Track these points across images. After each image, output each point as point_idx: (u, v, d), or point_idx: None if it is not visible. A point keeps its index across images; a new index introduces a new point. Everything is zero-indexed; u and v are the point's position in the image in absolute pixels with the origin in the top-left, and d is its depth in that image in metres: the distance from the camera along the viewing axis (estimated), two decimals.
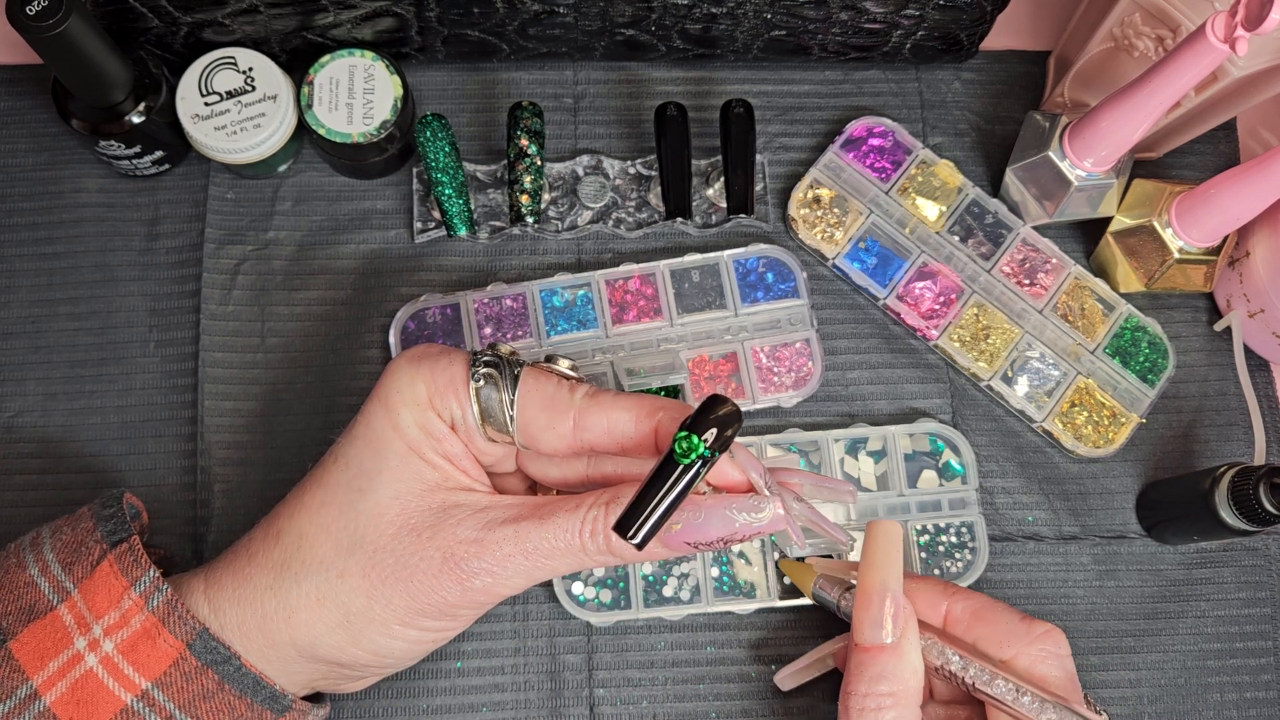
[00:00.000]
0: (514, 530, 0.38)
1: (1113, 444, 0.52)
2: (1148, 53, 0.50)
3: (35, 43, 0.43)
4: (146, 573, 0.38)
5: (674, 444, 0.36)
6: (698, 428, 0.36)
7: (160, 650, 0.37)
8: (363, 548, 0.38)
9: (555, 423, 0.39)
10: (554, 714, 0.48)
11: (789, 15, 0.51)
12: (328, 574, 0.38)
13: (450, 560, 0.38)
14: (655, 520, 0.36)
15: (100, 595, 0.38)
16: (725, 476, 0.39)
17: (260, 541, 0.40)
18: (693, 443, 0.36)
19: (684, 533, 0.38)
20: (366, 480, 0.39)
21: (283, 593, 0.38)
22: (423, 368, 0.40)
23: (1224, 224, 0.50)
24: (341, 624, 0.38)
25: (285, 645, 0.39)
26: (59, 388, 0.51)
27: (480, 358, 0.40)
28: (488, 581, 0.38)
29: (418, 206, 0.53)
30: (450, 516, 0.39)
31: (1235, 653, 0.51)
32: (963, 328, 0.53)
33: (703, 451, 0.36)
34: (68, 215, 0.53)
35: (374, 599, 0.38)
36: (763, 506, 0.37)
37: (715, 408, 0.36)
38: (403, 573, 0.38)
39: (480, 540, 0.38)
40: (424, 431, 0.39)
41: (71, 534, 0.40)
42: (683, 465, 0.36)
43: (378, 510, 0.39)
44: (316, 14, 0.50)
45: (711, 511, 0.37)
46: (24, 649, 0.37)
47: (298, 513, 0.40)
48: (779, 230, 0.55)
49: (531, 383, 0.40)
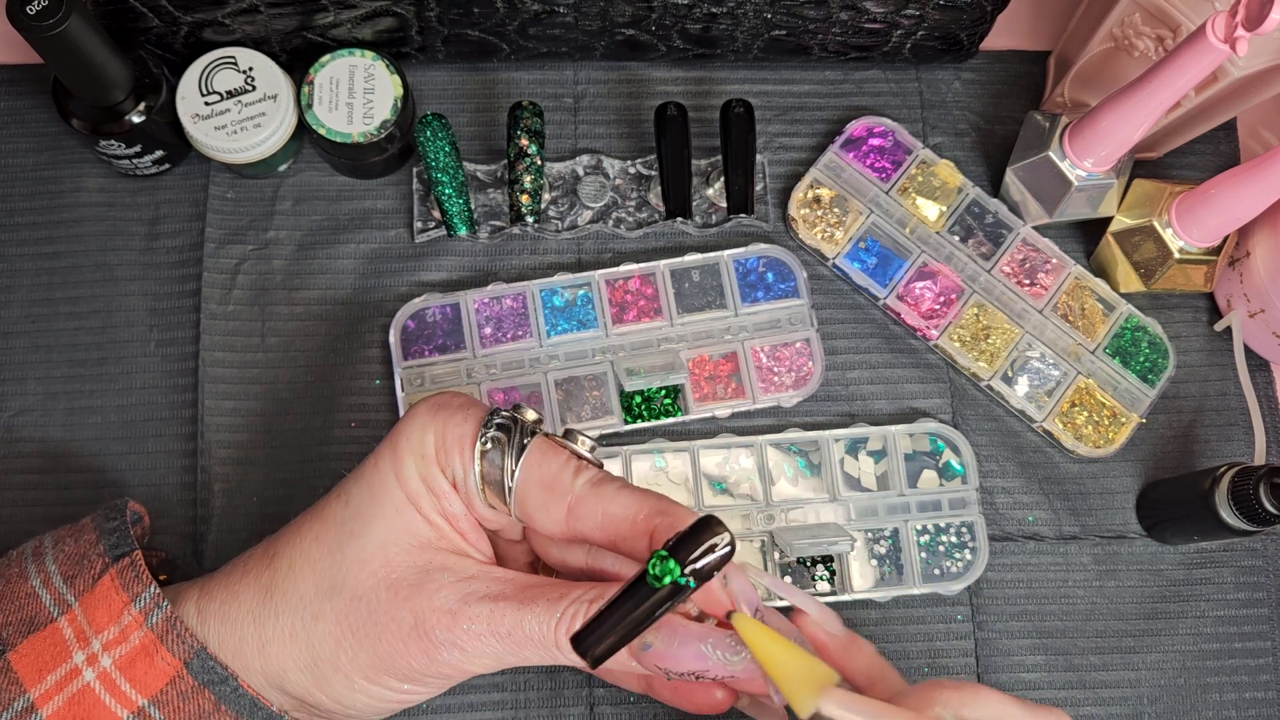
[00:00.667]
0: (490, 609, 0.36)
1: (1113, 444, 0.52)
2: (1148, 53, 0.50)
3: (35, 43, 0.43)
4: (147, 589, 0.38)
5: (648, 564, 0.33)
6: (678, 551, 0.33)
7: (157, 668, 0.37)
8: (340, 593, 0.37)
9: (550, 505, 0.37)
10: (554, 714, 0.48)
11: (789, 15, 0.51)
12: (304, 613, 0.38)
13: (420, 628, 0.37)
14: (613, 641, 0.34)
15: (101, 609, 0.38)
16: (716, 604, 0.36)
17: (257, 560, 0.39)
18: (668, 567, 0.33)
19: (655, 655, 0.35)
20: (359, 524, 0.38)
21: (261, 621, 0.38)
22: (436, 419, 0.38)
23: (1224, 224, 0.50)
24: (309, 666, 0.38)
25: (257, 672, 0.38)
26: (59, 388, 0.51)
27: (494, 420, 0.38)
28: (456, 656, 0.37)
29: (418, 206, 0.53)
30: (431, 580, 0.37)
31: (1234, 653, 0.51)
32: (963, 328, 0.53)
33: (678, 579, 0.33)
34: (68, 215, 0.53)
35: (341, 648, 0.37)
36: (739, 650, 0.35)
37: (704, 532, 0.33)
38: (373, 630, 0.37)
39: (454, 613, 0.37)
40: (425, 485, 0.38)
41: (74, 545, 0.40)
42: (654, 588, 0.33)
43: (362, 557, 0.38)
44: (316, 14, 0.50)
45: (687, 642, 0.35)
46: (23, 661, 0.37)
47: (293, 541, 0.39)
48: (779, 230, 0.55)
49: (537, 456, 0.38)
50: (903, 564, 0.50)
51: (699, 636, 0.35)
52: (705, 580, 0.33)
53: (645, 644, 0.35)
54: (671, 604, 0.33)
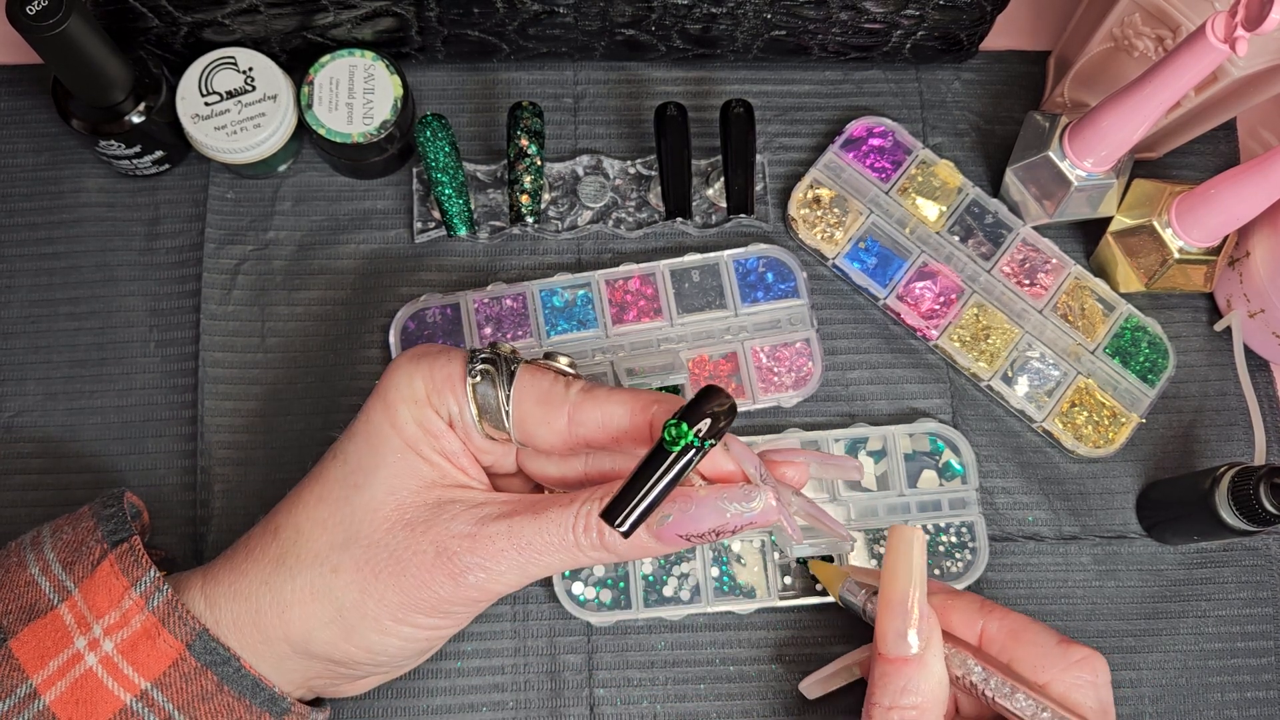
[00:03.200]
0: (507, 525, 0.38)
1: (1113, 444, 0.52)
2: (1148, 53, 0.50)
3: (35, 43, 0.44)
4: (147, 573, 0.38)
5: (664, 432, 0.36)
6: (689, 417, 0.35)
7: (160, 650, 0.37)
8: (357, 542, 0.38)
9: (550, 417, 0.39)
10: (554, 714, 0.48)
11: (789, 15, 0.51)
12: (321, 569, 0.38)
13: (443, 554, 0.38)
14: (644, 508, 0.36)
15: (101, 595, 0.38)
16: (719, 469, 0.38)
17: (259, 538, 0.40)
18: (682, 430, 0.35)
19: (675, 524, 0.37)
20: (363, 476, 0.39)
21: (277, 587, 0.38)
22: (421, 365, 0.40)
23: (1224, 224, 0.50)
24: (335, 619, 0.38)
25: (279, 641, 0.38)
26: (59, 388, 0.51)
27: (478, 355, 0.40)
28: (481, 577, 0.38)
29: (418, 206, 0.53)
30: (445, 512, 0.39)
31: (1236, 653, 0.51)
32: (963, 328, 0.53)
33: (692, 440, 0.35)
34: (68, 215, 0.53)
35: (367, 594, 0.38)
36: (754, 496, 0.37)
37: (709, 399, 0.36)
38: (396, 567, 0.38)
39: (473, 535, 0.38)
40: (421, 428, 0.39)
41: (72, 533, 0.40)
42: (672, 453, 0.35)
43: (373, 505, 0.39)
44: (316, 14, 0.50)
45: (703, 503, 0.37)
46: (24, 648, 0.37)
47: (295, 508, 0.40)
48: (779, 230, 0.55)
49: (527, 379, 0.40)
50: None
51: (714, 495, 0.37)
52: (717, 439, 0.36)
53: (664, 517, 0.37)
54: (690, 466, 0.36)
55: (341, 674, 0.41)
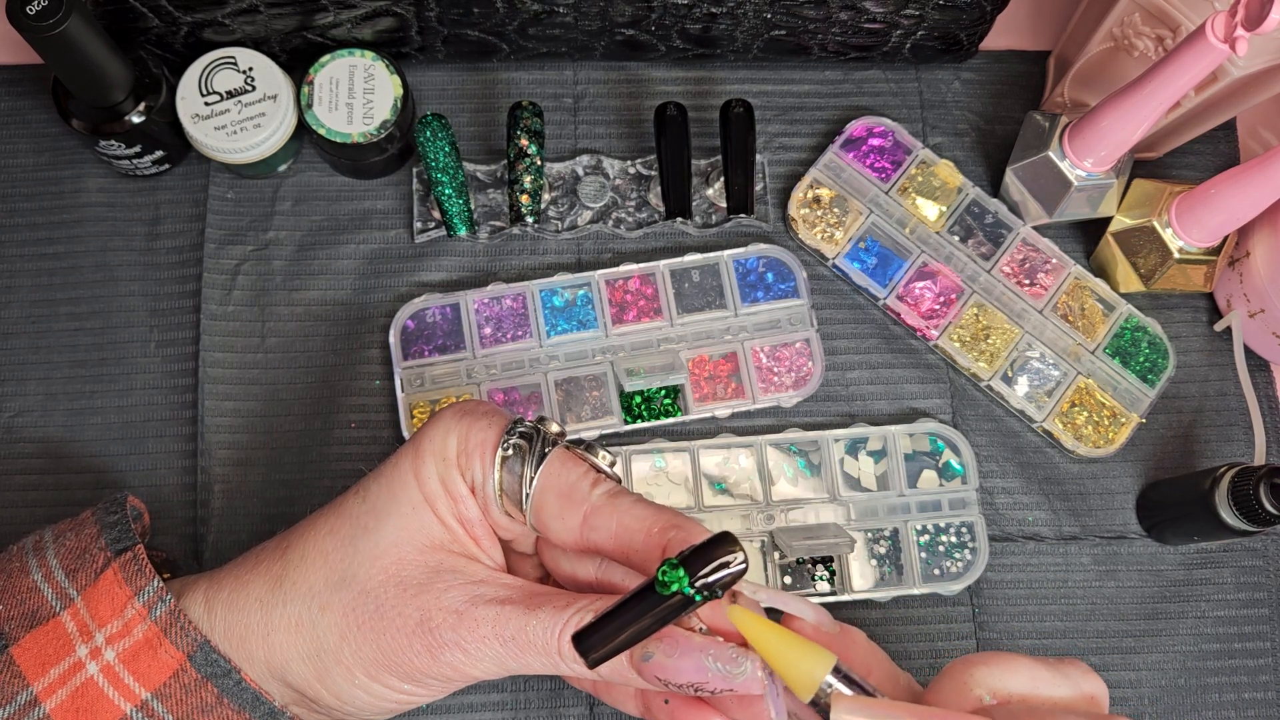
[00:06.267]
0: (496, 612, 0.36)
1: (1113, 444, 0.52)
2: (1148, 53, 0.50)
3: (35, 43, 0.44)
4: (150, 582, 0.38)
5: (658, 571, 0.33)
6: (690, 563, 0.33)
7: (161, 661, 0.37)
8: (350, 586, 0.38)
9: (566, 513, 0.37)
10: (553, 714, 0.48)
11: (789, 15, 0.51)
12: (311, 604, 0.38)
13: (425, 625, 0.37)
14: (617, 644, 0.34)
15: (103, 603, 0.38)
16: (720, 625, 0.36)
17: (269, 552, 0.40)
18: (676, 575, 0.32)
19: (656, 666, 0.35)
20: (374, 519, 0.38)
21: (269, 608, 0.38)
22: (460, 424, 0.39)
23: (1224, 224, 0.50)
24: (312, 656, 0.38)
25: (260, 662, 0.38)
26: (59, 388, 0.51)
27: (517, 428, 0.38)
28: (458, 657, 0.37)
29: (418, 206, 0.53)
30: (440, 580, 0.37)
31: (1234, 653, 0.51)
32: (963, 328, 0.53)
33: (685, 589, 0.32)
34: (68, 215, 0.53)
35: (345, 641, 0.37)
36: (741, 662, 0.34)
37: (718, 548, 0.33)
38: (378, 624, 0.37)
39: (460, 613, 0.37)
40: (444, 487, 0.38)
41: (75, 540, 0.40)
42: (660, 596, 0.33)
43: (375, 553, 0.38)
44: (316, 14, 0.50)
45: (688, 652, 0.34)
46: (25, 655, 0.37)
47: (308, 532, 0.39)
48: (779, 230, 0.55)
49: (556, 465, 0.38)
50: (903, 564, 0.50)
51: (700, 648, 0.34)
52: (713, 597, 0.33)
53: (646, 654, 0.35)
54: (677, 615, 0.33)
55: (313, 710, 0.40)
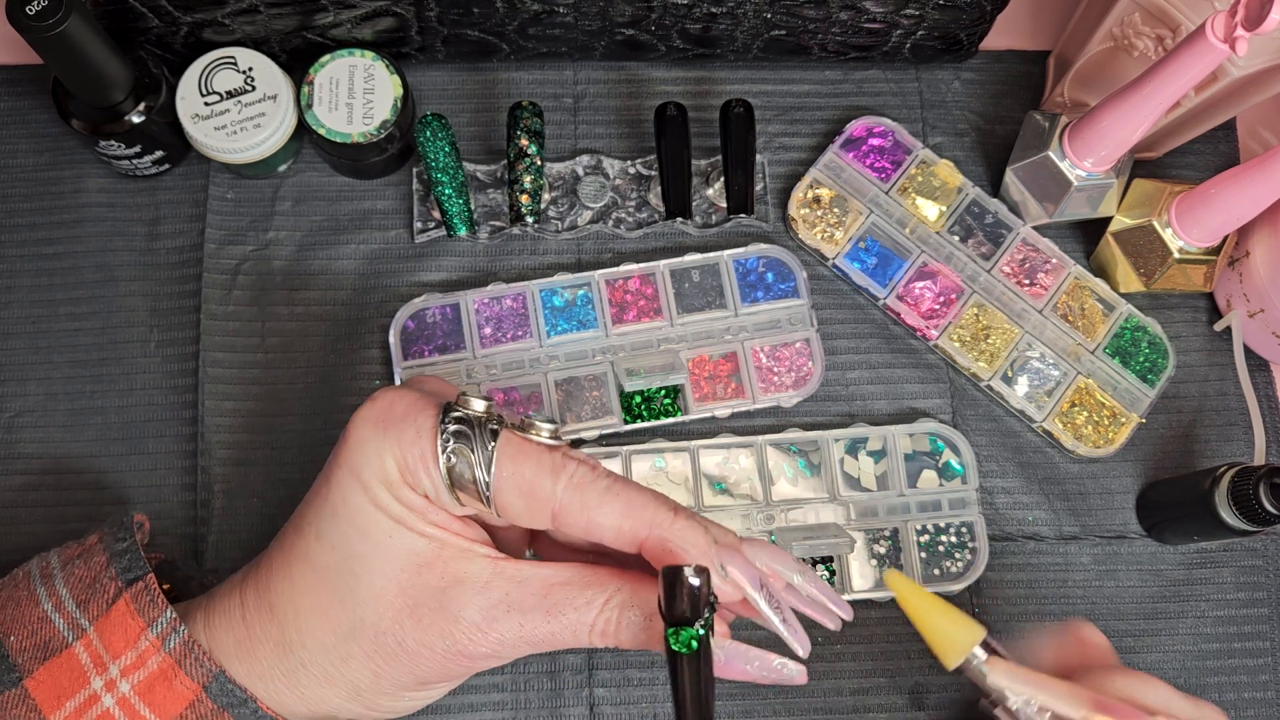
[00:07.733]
0: (520, 622, 0.37)
1: (1113, 444, 0.52)
2: (1148, 53, 0.50)
3: (35, 43, 0.44)
4: (163, 613, 0.38)
5: (667, 642, 0.35)
6: (672, 613, 0.35)
7: (177, 692, 0.37)
8: (364, 631, 0.37)
9: (533, 511, 0.37)
10: (554, 714, 0.48)
11: (789, 15, 0.51)
12: (331, 658, 0.38)
13: (455, 648, 0.37)
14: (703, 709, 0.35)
15: (117, 635, 0.37)
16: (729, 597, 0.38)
17: (255, 613, 0.38)
18: (683, 637, 0.35)
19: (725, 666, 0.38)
20: (359, 564, 0.37)
21: (290, 673, 0.38)
22: (388, 440, 0.37)
23: (1224, 224, 0.50)
24: (353, 696, 0.38)
25: (302, 715, 0.39)
26: (59, 388, 0.51)
27: (448, 424, 0.37)
28: (492, 661, 0.38)
29: (418, 206, 0.53)
30: (451, 600, 0.37)
31: (1234, 653, 0.51)
32: (963, 328, 0.53)
33: (697, 633, 0.35)
34: (68, 215, 0.53)
35: (380, 677, 0.38)
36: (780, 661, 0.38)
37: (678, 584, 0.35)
38: (406, 656, 0.37)
39: (484, 628, 0.37)
40: (405, 506, 0.37)
41: (85, 568, 0.39)
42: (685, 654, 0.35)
43: (375, 594, 0.37)
44: (316, 14, 0.50)
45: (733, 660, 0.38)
46: (40, 688, 0.37)
47: (288, 587, 0.38)
48: (779, 230, 0.55)
49: (508, 462, 0.37)
50: (903, 564, 0.50)
51: (743, 659, 0.38)
52: (712, 610, 0.35)
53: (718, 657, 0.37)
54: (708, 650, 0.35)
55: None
